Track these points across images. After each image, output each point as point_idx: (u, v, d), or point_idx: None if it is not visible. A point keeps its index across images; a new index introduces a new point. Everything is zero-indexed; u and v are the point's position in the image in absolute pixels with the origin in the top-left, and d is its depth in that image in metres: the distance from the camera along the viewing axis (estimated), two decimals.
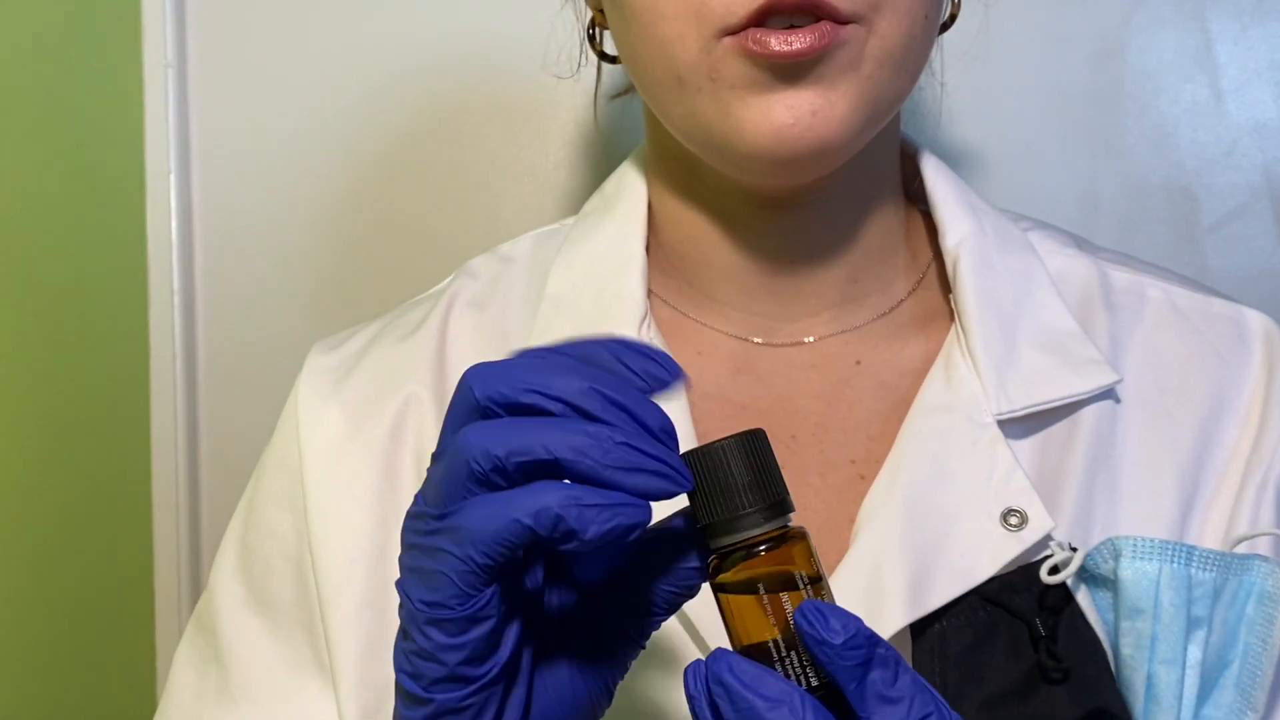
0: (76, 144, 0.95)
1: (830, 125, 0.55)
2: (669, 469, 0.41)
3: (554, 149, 1.00)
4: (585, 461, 0.40)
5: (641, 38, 0.57)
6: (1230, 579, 0.55)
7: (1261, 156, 0.95)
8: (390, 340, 0.68)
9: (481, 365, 0.43)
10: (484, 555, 0.41)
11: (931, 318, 0.66)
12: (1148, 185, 0.96)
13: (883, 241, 0.66)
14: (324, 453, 0.65)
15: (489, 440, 0.41)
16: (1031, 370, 0.61)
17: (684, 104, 0.57)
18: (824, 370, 0.64)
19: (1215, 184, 0.95)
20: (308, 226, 1.02)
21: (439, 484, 0.42)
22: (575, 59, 0.75)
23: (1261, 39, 0.94)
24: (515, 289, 0.68)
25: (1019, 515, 0.57)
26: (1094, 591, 0.57)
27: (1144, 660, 0.54)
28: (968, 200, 0.66)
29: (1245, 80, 0.95)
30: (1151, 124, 0.96)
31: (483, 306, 0.68)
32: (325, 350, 0.69)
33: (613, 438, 0.40)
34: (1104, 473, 0.60)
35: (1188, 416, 0.62)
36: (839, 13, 0.54)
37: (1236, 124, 0.95)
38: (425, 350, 0.67)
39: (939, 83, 0.82)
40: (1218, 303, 0.65)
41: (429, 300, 0.70)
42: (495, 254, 0.71)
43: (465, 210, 1.01)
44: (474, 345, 0.67)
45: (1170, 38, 0.95)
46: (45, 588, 0.92)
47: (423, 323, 0.68)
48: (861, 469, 0.62)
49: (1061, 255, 0.67)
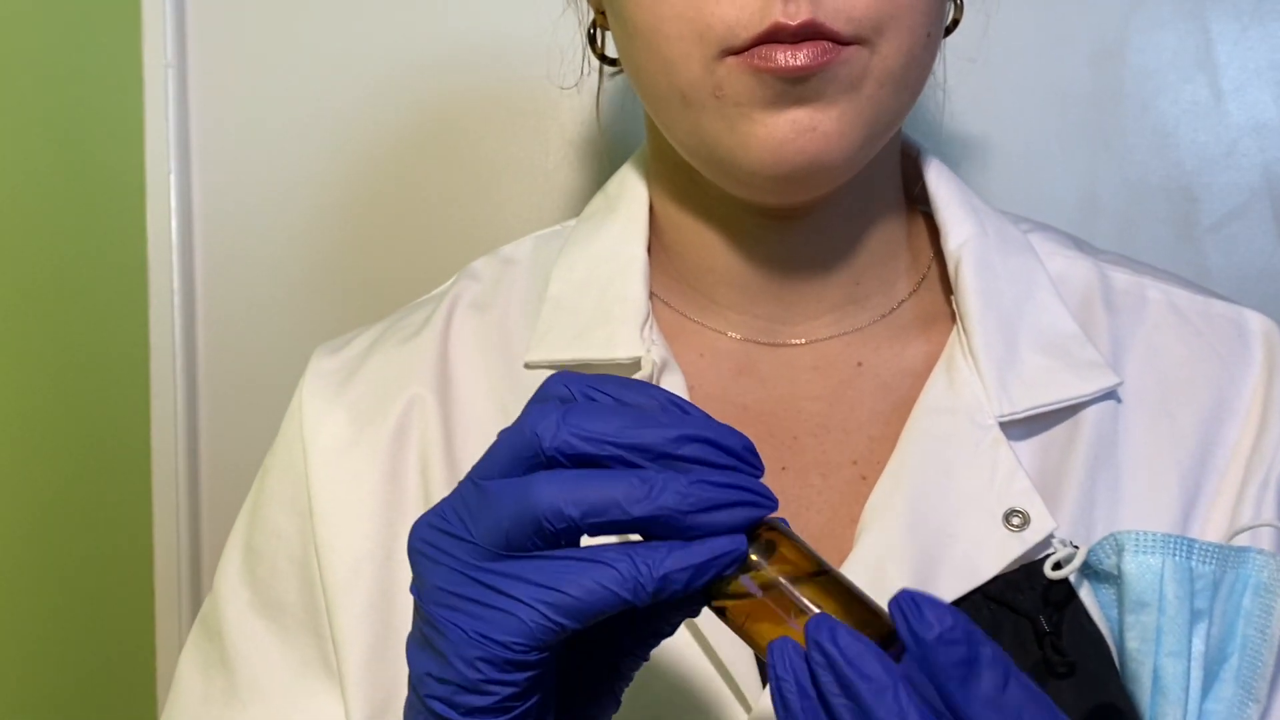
0: (76, 144, 0.95)
1: (829, 141, 0.56)
2: (753, 495, 0.41)
3: (554, 149, 1.00)
4: (665, 516, 0.40)
5: (645, 54, 0.58)
6: (1228, 572, 0.55)
7: (1261, 156, 0.95)
8: (392, 343, 0.68)
9: (544, 410, 0.42)
10: (570, 619, 0.41)
11: (933, 319, 0.66)
12: (1148, 185, 0.96)
13: (885, 245, 0.66)
14: (328, 455, 0.65)
15: (563, 499, 0.41)
16: (1033, 372, 0.61)
17: (688, 120, 0.58)
18: (826, 371, 0.64)
19: (1215, 184, 0.96)
20: (308, 226, 1.02)
21: (497, 523, 0.42)
22: (578, 67, 0.76)
23: (1261, 39, 0.94)
24: (517, 291, 0.68)
25: (1021, 516, 0.58)
26: (1097, 587, 0.57)
27: (1150, 653, 0.54)
28: (969, 203, 0.66)
29: (1245, 80, 0.95)
30: (1151, 124, 0.96)
31: (485, 308, 0.68)
32: (328, 354, 0.69)
33: (689, 480, 0.40)
34: (1106, 473, 0.60)
35: (1189, 417, 0.62)
36: (840, 35, 0.54)
37: (1236, 124, 0.95)
38: (428, 352, 0.67)
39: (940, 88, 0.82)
40: (1218, 304, 0.66)
41: (431, 302, 0.70)
42: (497, 255, 0.71)
43: (465, 210, 1.01)
44: (476, 347, 0.67)
45: (1170, 38, 0.95)
46: (46, 588, 0.92)
47: (425, 325, 0.68)
48: (863, 469, 0.62)
49: (1062, 257, 0.67)
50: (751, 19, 0.54)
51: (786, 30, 0.54)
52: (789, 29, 0.54)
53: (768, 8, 0.54)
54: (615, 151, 0.99)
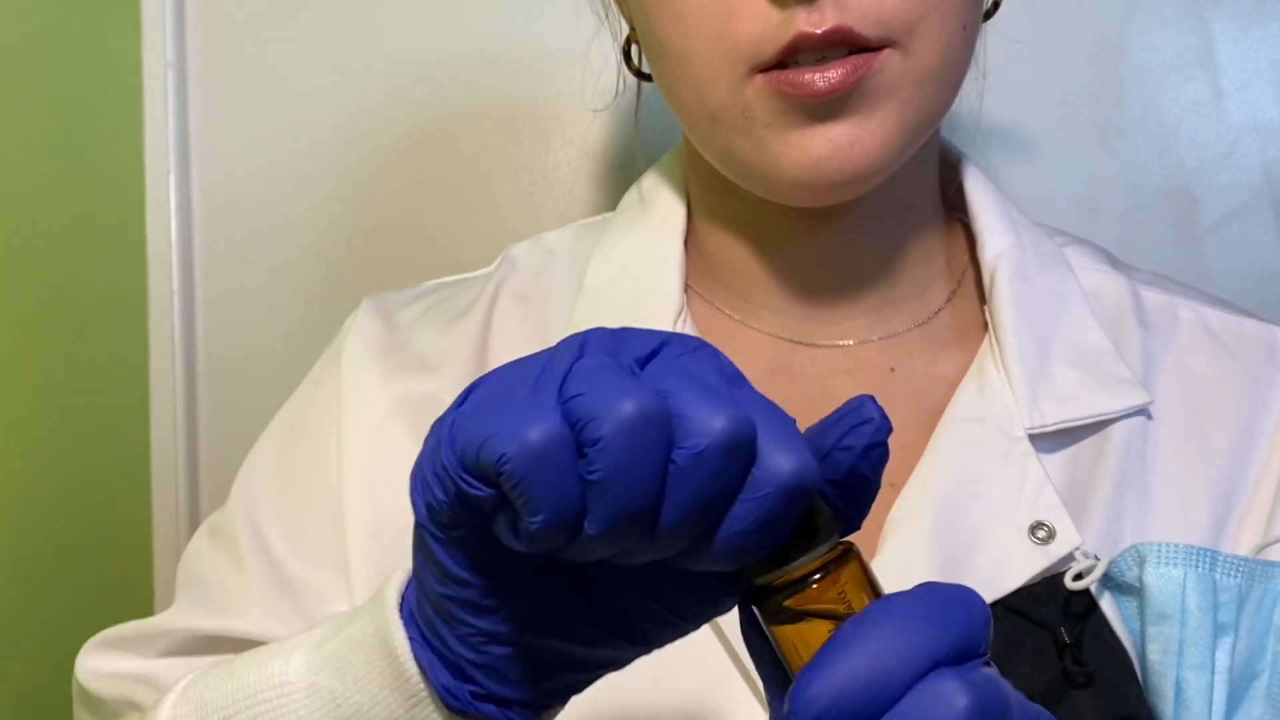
0: (76, 144, 0.94)
1: (870, 154, 0.55)
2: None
3: (554, 149, 1.00)
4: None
5: (675, 75, 0.58)
6: (1256, 585, 0.55)
7: (1261, 156, 0.95)
8: (439, 321, 0.68)
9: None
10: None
11: (966, 328, 0.66)
12: (1148, 185, 0.96)
13: (921, 249, 0.66)
14: (363, 414, 0.65)
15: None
16: (1064, 386, 0.61)
17: (719, 139, 0.58)
18: (858, 376, 0.64)
19: (1215, 184, 0.96)
20: (307, 226, 1.01)
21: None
22: (611, 88, 0.75)
23: (1261, 39, 0.95)
24: (557, 281, 0.69)
25: (1047, 529, 0.58)
26: (1119, 599, 0.57)
27: (1172, 665, 0.54)
28: (1008, 214, 0.66)
29: (1245, 80, 0.95)
30: (1152, 124, 0.96)
31: (527, 298, 0.68)
32: (375, 315, 0.69)
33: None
34: (1134, 489, 0.60)
35: (1221, 434, 0.62)
36: (869, 41, 0.53)
37: (1236, 124, 0.95)
38: (470, 337, 0.67)
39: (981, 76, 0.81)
40: (1249, 323, 0.66)
41: (478, 283, 0.70)
42: (540, 244, 0.71)
43: (465, 210, 1.00)
44: (516, 337, 0.67)
45: (1171, 38, 0.95)
46: (46, 589, 0.91)
47: (471, 307, 0.68)
48: (892, 477, 0.62)
49: (1096, 272, 0.67)
50: (776, 32, 0.53)
51: (812, 39, 0.53)
52: (815, 37, 0.53)
53: (790, 20, 0.53)
54: (615, 151, 0.99)
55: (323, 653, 0.45)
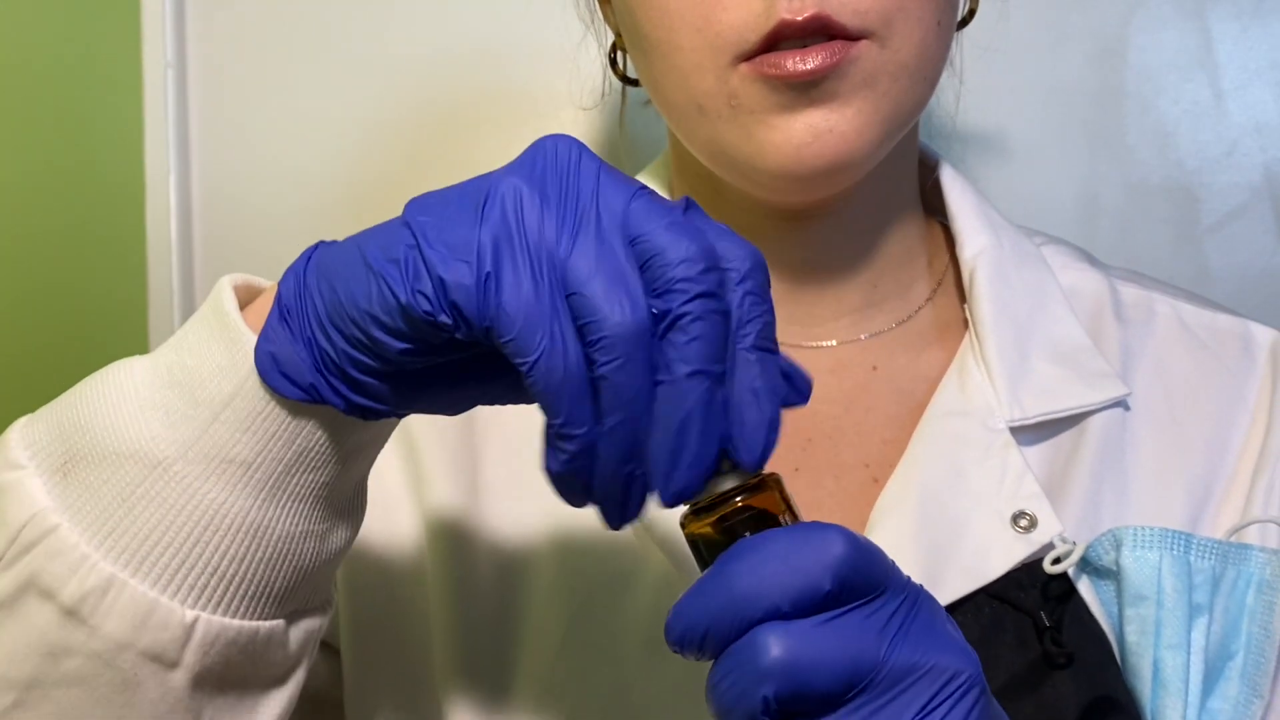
0: (76, 144, 0.95)
1: (847, 140, 0.56)
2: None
3: None
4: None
5: (660, 68, 0.59)
6: (1229, 568, 0.56)
7: (1262, 156, 0.95)
8: None
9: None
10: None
11: (947, 326, 0.67)
12: (1148, 185, 0.96)
13: (902, 248, 0.67)
14: None
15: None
16: (1044, 380, 0.62)
17: (706, 129, 0.59)
18: (841, 375, 0.66)
19: (1215, 184, 0.96)
20: (307, 226, 1.02)
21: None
22: (599, 88, 0.76)
23: (1261, 39, 0.94)
24: None
25: (1028, 518, 0.59)
26: (1097, 583, 0.58)
27: (1150, 646, 0.55)
28: (985, 214, 0.68)
29: (1245, 80, 0.95)
30: (1151, 124, 0.96)
31: None
32: None
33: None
34: (1112, 478, 0.62)
35: (1196, 426, 0.63)
36: (848, 30, 0.55)
37: (1236, 124, 0.95)
38: None
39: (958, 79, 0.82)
40: (1223, 318, 0.67)
41: None
42: None
43: None
44: None
45: (1171, 38, 0.95)
46: None
47: None
48: (875, 472, 0.63)
49: (1074, 270, 0.68)
50: (758, 20, 0.55)
51: (793, 26, 0.54)
52: (796, 24, 0.54)
53: (772, 8, 0.55)
54: (614, 150, 0.99)
55: (165, 345, 0.49)
